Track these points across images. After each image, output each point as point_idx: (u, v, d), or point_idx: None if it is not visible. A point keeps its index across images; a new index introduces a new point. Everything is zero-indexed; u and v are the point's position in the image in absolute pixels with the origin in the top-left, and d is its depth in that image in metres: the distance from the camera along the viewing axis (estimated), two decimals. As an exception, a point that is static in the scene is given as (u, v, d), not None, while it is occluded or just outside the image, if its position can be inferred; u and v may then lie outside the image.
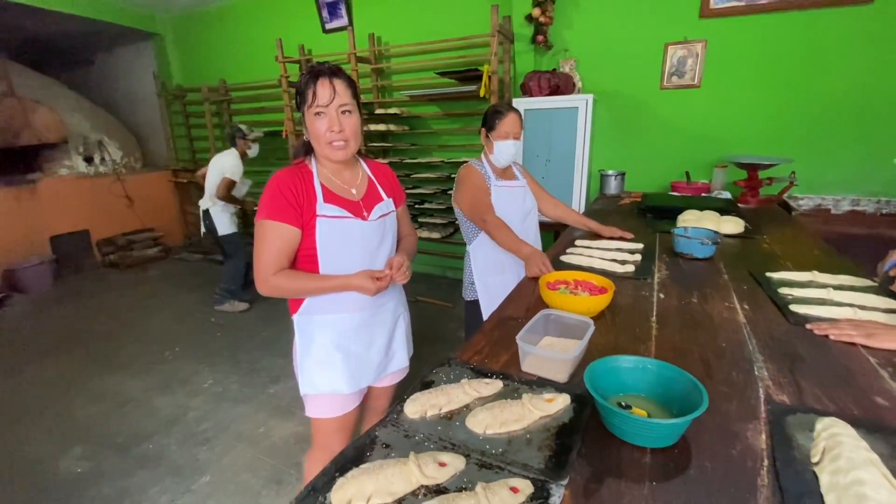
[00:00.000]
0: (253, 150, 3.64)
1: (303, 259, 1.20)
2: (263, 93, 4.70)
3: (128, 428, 2.29)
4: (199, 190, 5.70)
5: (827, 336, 1.02)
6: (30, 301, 4.10)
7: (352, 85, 1.16)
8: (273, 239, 1.14)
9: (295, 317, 1.28)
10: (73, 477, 1.98)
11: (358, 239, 1.20)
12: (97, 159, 5.14)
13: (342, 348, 1.27)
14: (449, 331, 3.26)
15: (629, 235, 1.83)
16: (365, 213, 1.22)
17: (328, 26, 4.15)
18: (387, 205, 1.30)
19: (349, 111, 1.14)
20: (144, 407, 2.47)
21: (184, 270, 4.98)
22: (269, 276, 1.14)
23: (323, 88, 1.10)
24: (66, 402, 2.53)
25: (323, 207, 1.16)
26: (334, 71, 1.14)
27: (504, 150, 1.76)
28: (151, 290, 4.39)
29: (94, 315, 3.76)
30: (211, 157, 5.08)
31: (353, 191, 1.25)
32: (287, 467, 1.99)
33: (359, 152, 1.30)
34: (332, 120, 1.13)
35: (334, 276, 1.18)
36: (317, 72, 1.12)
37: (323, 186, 1.19)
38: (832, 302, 1.20)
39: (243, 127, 3.58)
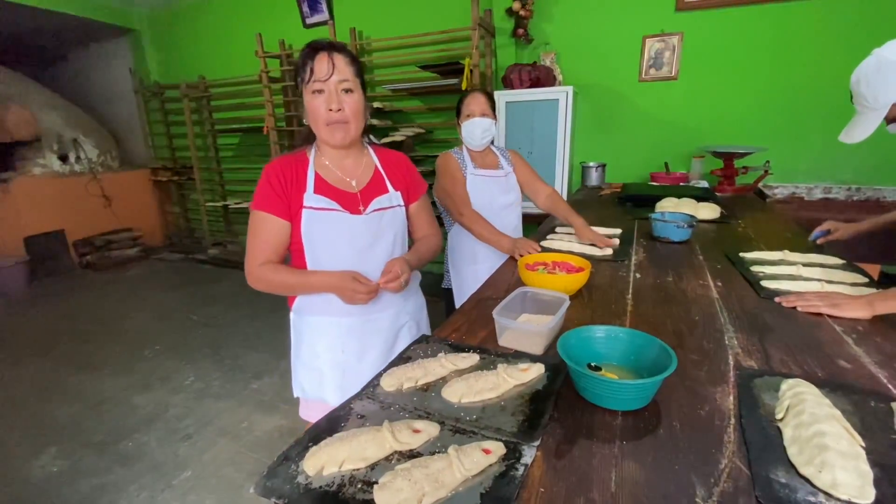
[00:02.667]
0: None
1: (294, 255, 1.13)
2: (244, 89, 4.64)
3: (105, 426, 2.24)
4: (180, 188, 5.64)
5: (795, 308, 1.05)
6: (4, 303, 3.98)
7: (355, 62, 1.08)
8: (260, 230, 1.08)
9: (291, 314, 1.22)
10: (48, 476, 1.93)
11: (344, 235, 1.10)
12: (72, 158, 5.01)
13: (328, 355, 1.18)
14: (434, 325, 3.25)
15: (609, 243, 1.56)
16: (361, 207, 1.13)
17: (309, 21, 4.11)
18: (389, 198, 1.18)
19: (350, 89, 1.05)
20: (123, 405, 2.42)
21: (164, 270, 4.89)
22: (255, 268, 1.08)
23: (321, 63, 1.02)
24: (41, 403, 2.46)
25: (311, 198, 1.08)
26: (334, 45, 1.05)
27: (470, 128, 1.72)
28: (131, 290, 4.30)
29: (70, 316, 3.67)
30: (193, 155, 5.04)
31: (353, 182, 1.15)
32: (271, 460, 1.96)
33: (369, 140, 1.23)
34: (330, 97, 1.03)
35: (317, 272, 1.10)
36: (315, 46, 1.05)
37: (317, 175, 1.11)
38: (801, 278, 1.23)
39: None
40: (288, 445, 0.67)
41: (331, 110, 1.04)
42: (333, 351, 1.18)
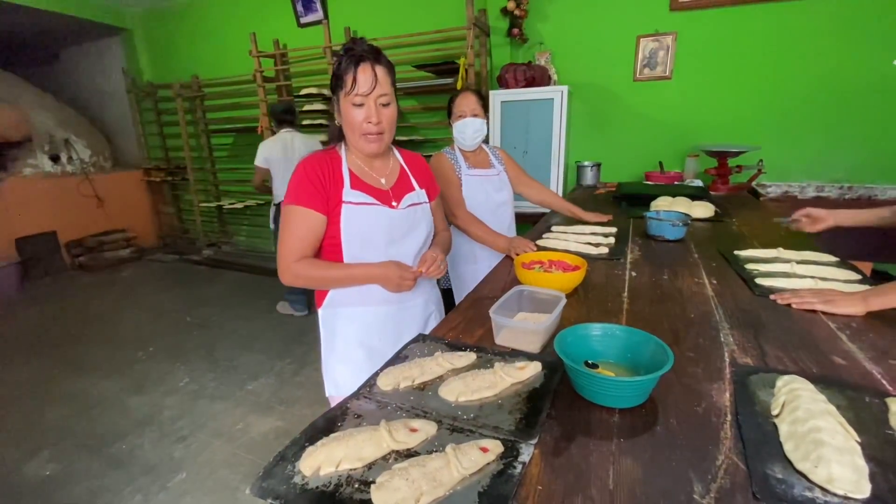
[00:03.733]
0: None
1: (327, 248, 1.14)
2: (238, 88, 4.61)
3: (99, 429, 2.22)
4: (174, 189, 5.61)
5: (789, 305, 1.06)
6: (-6, 305, 3.94)
7: (392, 71, 1.10)
8: (297, 225, 1.09)
9: (320, 311, 1.23)
10: (41, 479, 1.91)
11: (384, 227, 1.14)
12: (64, 158, 4.97)
13: (365, 345, 1.21)
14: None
15: (609, 217, 1.89)
16: (394, 203, 1.17)
17: (303, 20, 4.10)
18: (418, 195, 1.23)
19: (389, 103, 1.08)
20: (116, 407, 2.40)
21: (158, 271, 4.85)
22: (292, 263, 1.09)
23: (364, 75, 1.03)
24: (33, 405, 2.44)
25: (349, 194, 1.11)
26: (377, 55, 1.06)
27: (461, 129, 1.73)
28: (124, 291, 4.26)
29: (63, 317, 3.64)
30: (186, 155, 5.01)
31: (383, 180, 1.19)
32: (267, 462, 1.95)
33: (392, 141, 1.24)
34: (369, 111, 1.06)
35: (359, 264, 1.12)
36: (359, 55, 1.03)
37: (351, 173, 1.14)
38: (795, 275, 1.24)
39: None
40: (284, 446, 0.66)
41: (370, 123, 1.07)
42: (370, 339, 1.21)
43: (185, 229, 5.72)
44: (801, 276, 1.22)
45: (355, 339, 1.21)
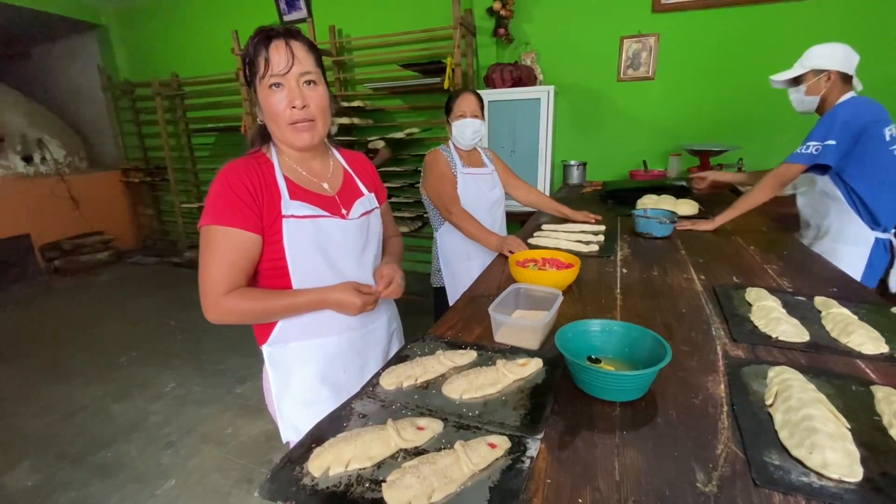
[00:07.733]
0: None
1: (268, 274, 0.96)
2: (219, 87, 4.53)
3: (82, 437, 2.16)
4: (153, 190, 5.47)
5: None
6: (-35, 312, 3.79)
7: (314, 50, 0.94)
8: (224, 249, 0.89)
9: (265, 348, 1.04)
10: (22, 491, 1.85)
11: (339, 243, 0.99)
12: (37, 158, 4.81)
13: (329, 381, 1.05)
14: (421, 324, 3.23)
15: (598, 217, 1.89)
16: (343, 211, 1.01)
17: (286, 18, 4.04)
18: (369, 200, 1.08)
19: (313, 81, 0.92)
20: (100, 415, 2.34)
21: (138, 274, 4.74)
22: (220, 298, 0.89)
23: (278, 53, 0.88)
24: (10, 414, 2.36)
25: (290, 206, 0.93)
26: (291, 32, 0.91)
27: (461, 128, 1.75)
28: (103, 295, 4.15)
29: (39, 323, 3.52)
30: (167, 155, 4.90)
31: (326, 185, 1.02)
32: (258, 465, 1.93)
33: (329, 138, 1.08)
34: (292, 92, 0.90)
35: (306, 290, 0.95)
36: (268, 33, 0.89)
37: (287, 180, 0.96)
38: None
39: None
40: (276, 451, 0.66)
41: (294, 108, 0.90)
42: (335, 373, 1.06)
43: (165, 231, 5.60)
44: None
45: (317, 376, 1.04)
